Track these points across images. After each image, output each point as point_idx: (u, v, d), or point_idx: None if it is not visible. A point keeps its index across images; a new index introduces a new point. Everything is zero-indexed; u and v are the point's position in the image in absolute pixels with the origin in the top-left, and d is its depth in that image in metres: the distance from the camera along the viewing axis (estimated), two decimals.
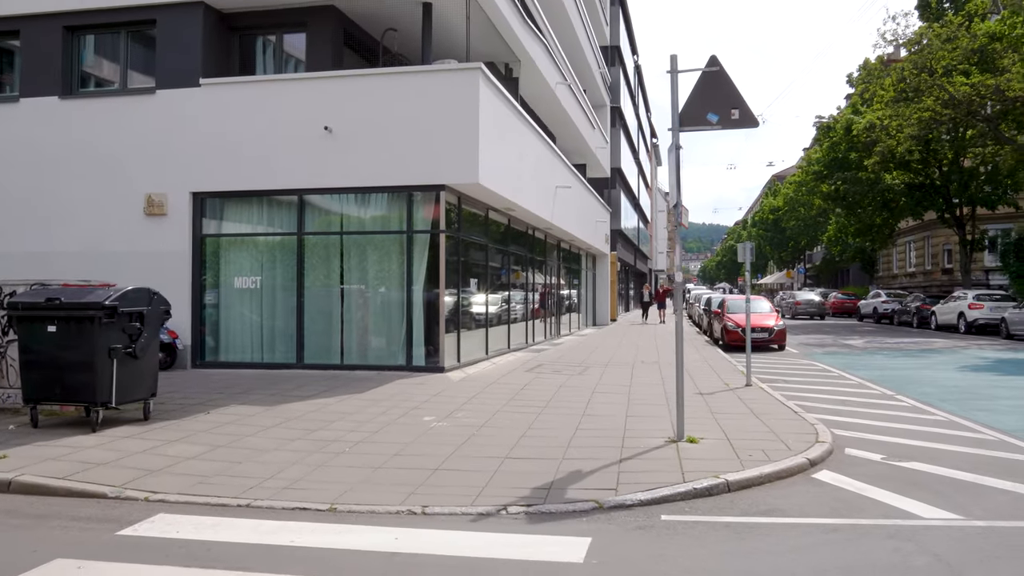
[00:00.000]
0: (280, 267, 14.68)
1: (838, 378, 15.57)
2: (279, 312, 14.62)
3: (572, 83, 24.09)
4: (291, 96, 14.33)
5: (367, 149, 13.94)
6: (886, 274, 56.61)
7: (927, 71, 31.21)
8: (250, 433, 8.74)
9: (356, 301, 14.51)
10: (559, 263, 26.70)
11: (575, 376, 14.52)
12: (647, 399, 11.69)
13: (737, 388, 13.16)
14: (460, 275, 15.25)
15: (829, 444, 8.34)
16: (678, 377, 8.55)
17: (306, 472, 7.11)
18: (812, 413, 10.59)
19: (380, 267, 14.40)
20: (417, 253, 14.15)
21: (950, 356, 20.18)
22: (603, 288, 36.72)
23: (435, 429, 9.12)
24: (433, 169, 13.78)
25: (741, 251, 14.08)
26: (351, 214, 14.58)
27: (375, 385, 12.45)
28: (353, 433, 8.81)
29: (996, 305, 28.33)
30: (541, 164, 19.56)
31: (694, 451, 7.95)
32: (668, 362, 17.46)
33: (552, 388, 12.75)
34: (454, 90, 13.80)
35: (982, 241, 38.41)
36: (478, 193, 15.14)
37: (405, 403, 10.85)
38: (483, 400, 11.33)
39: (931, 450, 8.45)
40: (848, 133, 37.09)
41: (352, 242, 14.52)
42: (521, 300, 21.14)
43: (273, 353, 14.63)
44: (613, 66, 38.51)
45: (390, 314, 14.37)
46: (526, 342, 21.12)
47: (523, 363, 16.74)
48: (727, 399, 11.79)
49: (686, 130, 8.49)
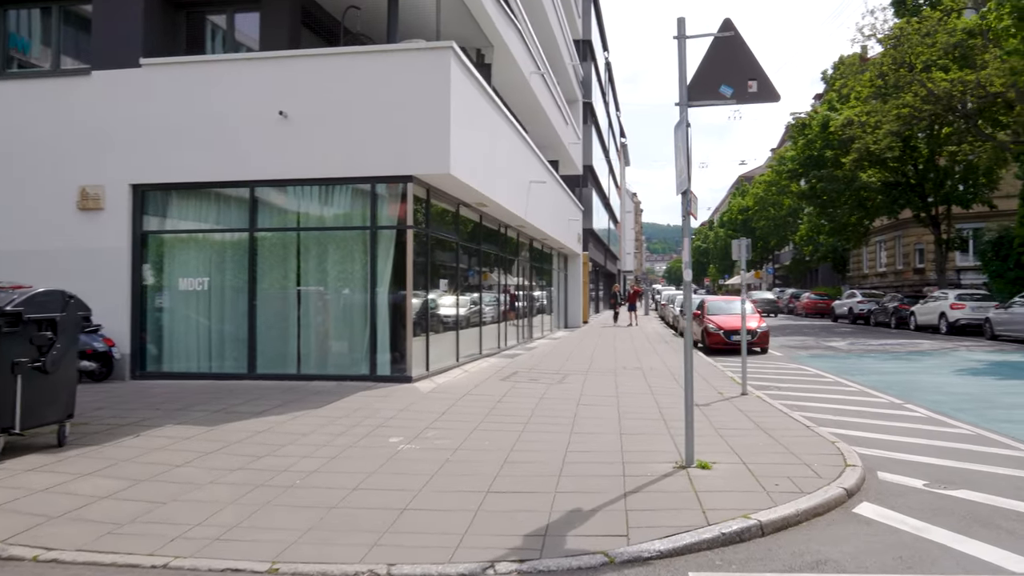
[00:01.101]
0: (230, 267, 13.29)
1: (834, 384, 14.53)
2: (229, 317, 13.24)
3: (546, 74, 22.89)
4: (242, 78, 12.96)
5: (327, 136, 12.62)
6: (856, 274, 56.17)
7: (906, 66, 30.53)
8: (183, 462, 7.39)
9: (315, 304, 13.17)
10: (531, 263, 25.49)
11: (555, 385, 13.30)
12: (639, 412, 10.49)
13: (733, 398, 12.03)
14: (428, 275, 13.96)
15: (861, 468, 7.20)
16: (687, 394, 7.35)
17: (245, 515, 5.80)
18: (824, 427, 9.47)
19: (341, 267, 13.07)
20: (382, 251, 12.86)
21: (941, 359, 19.27)
22: (575, 289, 35.58)
23: (403, 453, 7.84)
24: (400, 158, 12.50)
25: (736, 248, 12.97)
26: (309, 208, 13.24)
27: (335, 398, 11.13)
28: (307, 460, 7.50)
29: (978, 305, 27.63)
30: (515, 157, 18.34)
31: (709, 480, 6.75)
32: (651, 368, 16.33)
33: (532, 400, 11.52)
34: (423, 72, 12.53)
35: (957, 240, 37.85)
36: (448, 186, 13.87)
37: (368, 420, 9.55)
38: (457, 415, 10.06)
39: (975, 473, 7.34)
40: (824, 130, 36.37)
41: (311, 239, 13.18)
42: (493, 302, 19.88)
43: (222, 362, 13.23)
44: (585, 61, 37.41)
45: (352, 318, 13.05)
46: (498, 346, 19.87)
47: (497, 370, 15.49)
48: (727, 411, 10.63)
49: (696, 105, 7.30)
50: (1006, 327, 24.70)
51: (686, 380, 7.38)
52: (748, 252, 12.93)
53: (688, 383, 7.36)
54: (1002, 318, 24.99)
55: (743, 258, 12.85)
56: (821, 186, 37.43)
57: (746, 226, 74.18)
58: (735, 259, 12.97)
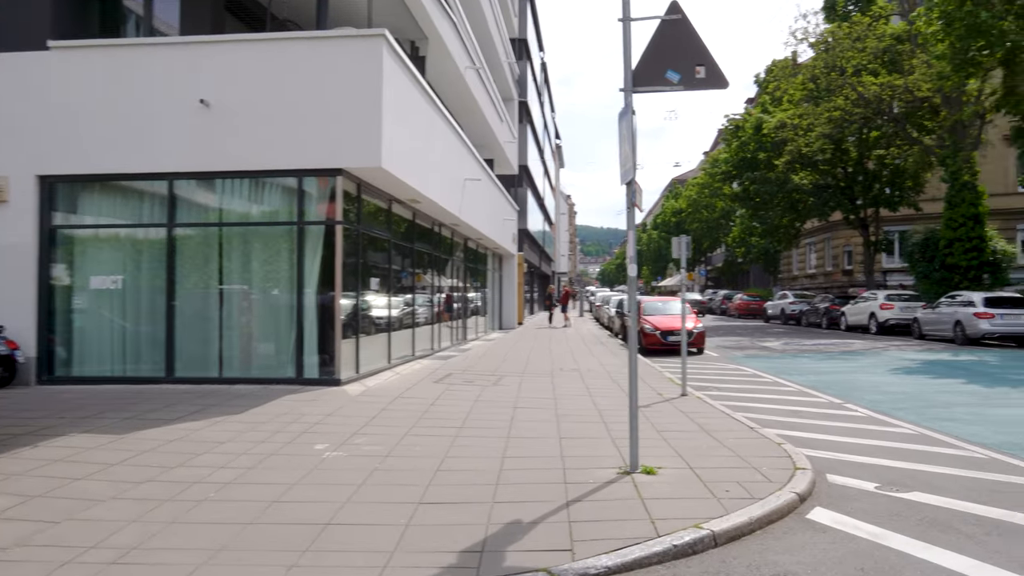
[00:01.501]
0: (147, 265, 12.51)
1: (773, 384, 14.41)
2: (146, 317, 12.46)
3: (481, 69, 22.45)
4: (160, 64, 12.20)
5: (251, 127, 11.97)
6: (786, 275, 57.09)
7: (837, 70, 30.98)
8: (84, 475, 6.72)
9: (239, 304, 12.48)
10: (465, 263, 25.00)
11: (490, 388, 12.86)
12: (578, 415, 10.10)
13: (673, 399, 11.75)
14: (359, 274, 13.38)
15: (811, 471, 6.92)
16: (632, 396, 6.98)
17: (148, 535, 5.21)
18: (769, 428, 9.23)
19: (267, 265, 12.42)
20: (310, 248, 12.25)
21: (875, 358, 19.40)
22: (510, 290, 35.18)
23: (328, 462, 7.29)
24: (329, 151, 11.92)
25: (676, 246, 12.70)
26: (233, 203, 12.53)
27: (259, 403, 10.49)
28: (223, 471, 6.90)
29: (906, 305, 28.12)
30: (449, 153, 17.85)
31: (656, 486, 6.37)
32: (588, 369, 16.01)
33: (467, 403, 11.04)
34: (354, 60, 11.98)
35: (884, 242, 38.61)
36: (380, 180, 13.33)
37: (293, 426, 8.96)
38: (387, 420, 9.53)
39: (925, 474, 7.14)
40: (758, 132, 36.72)
41: (234, 235, 12.48)
42: (426, 302, 19.34)
43: (138, 365, 12.45)
44: (521, 60, 37.07)
45: (278, 318, 12.41)
46: (432, 348, 19.33)
47: (430, 372, 14.97)
48: (668, 413, 10.32)
49: (642, 91, 6.94)
50: (933, 327, 25.14)
51: (631, 382, 7.01)
52: (688, 250, 12.68)
53: (633, 385, 6.99)
54: (929, 318, 25.44)
55: (683, 256, 12.60)
56: (754, 188, 37.79)
57: (680, 228, 74.78)
58: (675, 257, 12.70)
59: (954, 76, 23.79)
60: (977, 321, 22.37)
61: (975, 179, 28.82)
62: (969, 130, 29.23)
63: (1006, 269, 29.35)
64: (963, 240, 28.64)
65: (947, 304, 24.54)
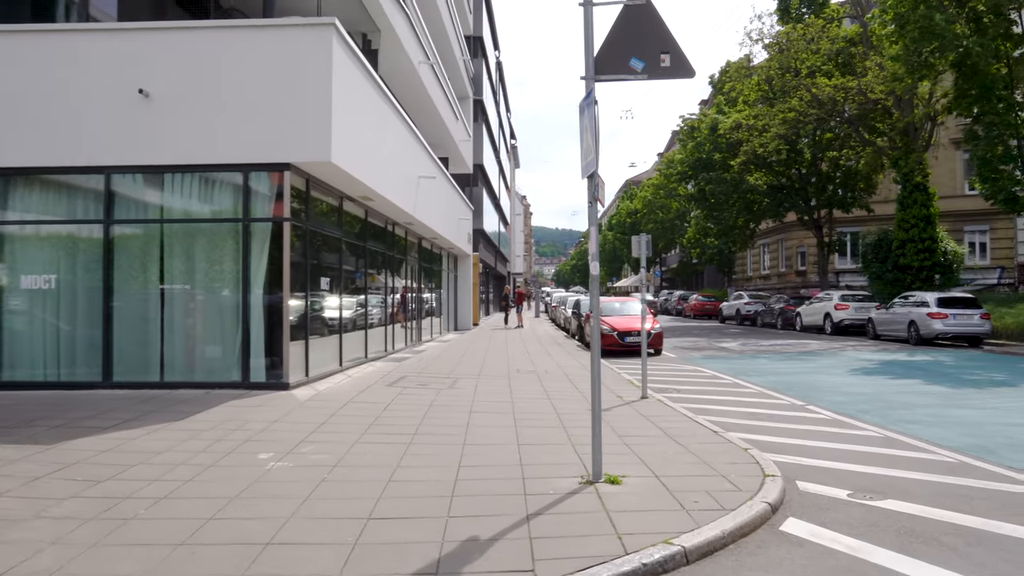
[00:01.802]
0: (83, 263, 11.86)
1: (733, 386, 14.20)
2: (82, 319, 11.81)
3: (436, 65, 22.00)
4: (97, 52, 11.56)
5: (194, 119, 11.40)
6: (741, 276, 57.44)
7: (792, 71, 31.11)
8: (4, 490, 6.17)
9: (181, 305, 11.89)
10: (420, 263, 24.51)
11: (445, 391, 12.44)
12: (537, 419, 9.74)
13: (633, 401, 11.47)
14: (309, 273, 12.86)
15: (781, 479, 6.63)
16: (595, 401, 6.62)
17: (68, 558, 4.71)
18: (733, 432, 8.96)
19: (211, 264, 11.85)
20: (256, 246, 11.71)
21: (832, 359, 19.36)
22: (465, 290, 34.76)
23: (273, 473, 6.82)
24: (276, 144, 11.41)
25: (635, 244, 12.41)
26: (174, 199, 11.92)
27: (201, 409, 9.95)
28: (157, 484, 6.40)
29: (860, 306, 28.28)
30: (403, 150, 17.38)
31: (621, 497, 6.02)
32: (546, 371, 15.67)
33: (420, 408, 10.61)
34: (302, 50, 11.47)
35: (838, 243, 38.93)
36: (331, 176, 12.83)
37: (236, 433, 8.46)
38: (336, 427, 9.06)
39: (897, 480, 6.89)
40: (713, 133, 36.77)
41: (176, 233, 11.89)
42: (380, 303, 18.83)
43: (73, 370, 11.79)
44: (476, 58, 36.68)
45: (223, 320, 11.85)
46: (385, 350, 18.83)
47: (383, 375, 14.50)
48: (629, 417, 10.01)
49: (604, 79, 6.58)
50: (887, 327, 25.29)
51: (593, 387, 6.65)
52: (649, 249, 12.39)
53: (596, 390, 6.63)
54: (883, 318, 25.59)
55: (643, 255, 12.31)
56: (710, 188, 37.83)
57: (635, 229, 74.92)
58: (635, 256, 12.40)
59: (907, 78, 23.95)
60: (931, 321, 22.51)
61: (927, 181, 29.13)
62: (920, 132, 29.53)
63: (957, 270, 29.71)
64: (915, 241, 28.94)
65: (901, 304, 24.70)
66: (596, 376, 6.65)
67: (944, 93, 26.57)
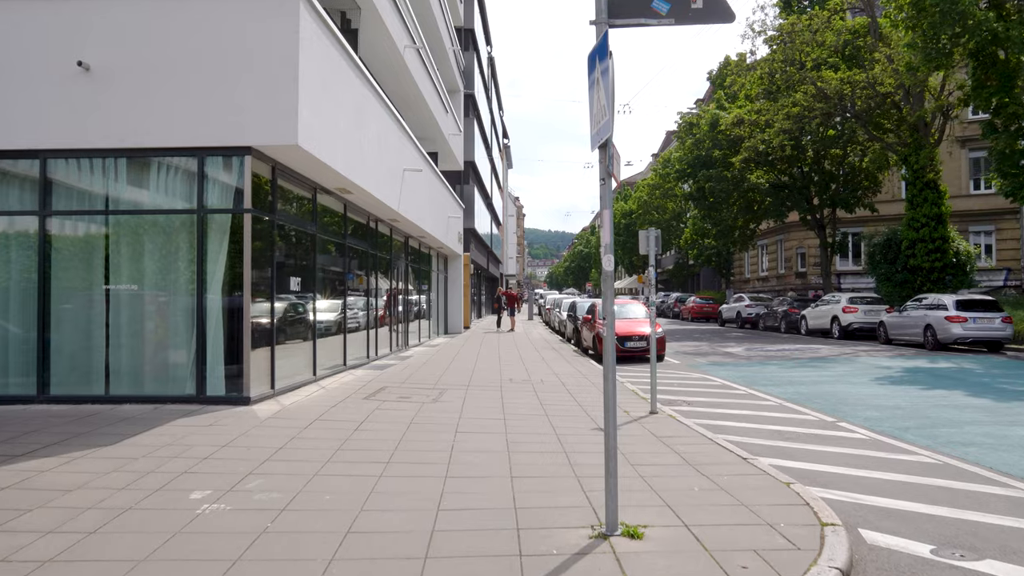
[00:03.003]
0: (15, 260, 10.43)
1: (748, 397, 12.87)
2: (14, 323, 10.37)
3: (423, 50, 20.59)
4: (29, 19, 10.13)
5: (142, 95, 9.99)
6: (738, 278, 56.16)
7: (796, 65, 29.84)
8: None
9: (129, 308, 10.46)
10: (407, 263, 23.08)
11: (429, 404, 11.04)
12: (534, 442, 8.36)
13: (642, 417, 10.10)
14: (276, 272, 11.42)
15: (844, 528, 5.26)
16: (609, 433, 5.23)
17: None
18: (764, 459, 7.60)
19: (163, 261, 10.44)
20: (214, 241, 10.31)
21: (848, 365, 18.02)
22: (456, 292, 33.33)
23: (202, 520, 5.42)
24: (235, 125, 10.00)
25: (643, 240, 11.05)
26: (120, 187, 10.49)
27: (142, 429, 8.53)
28: (50, 539, 4.98)
29: (870, 309, 26.99)
30: (387, 140, 15.98)
31: (646, 560, 4.64)
32: (541, 380, 14.30)
33: (399, 427, 9.20)
34: (265, 19, 10.05)
35: (841, 244, 37.58)
36: (300, 163, 11.43)
37: (173, 463, 7.05)
38: (296, 453, 7.65)
39: (985, 528, 5.53)
40: (713, 129, 35.43)
41: (123, 226, 10.47)
42: (362, 305, 17.40)
43: (5, 382, 10.36)
44: (467, 50, 35.26)
45: (176, 325, 10.42)
46: (368, 356, 17.41)
47: (362, 385, 13.09)
48: (641, 439, 8.63)
49: (619, 24, 5.21)
50: (900, 331, 23.96)
51: (607, 414, 5.26)
52: (658, 245, 11.03)
53: (610, 419, 5.24)
54: (896, 322, 24.26)
55: (652, 251, 10.94)
56: (710, 186, 36.41)
57: (629, 230, 73.65)
58: (643, 252, 11.03)
59: (922, 68, 22.61)
60: (949, 325, 21.18)
61: (938, 178, 27.86)
62: (931, 127, 28.26)
63: (970, 271, 28.43)
64: (926, 241, 27.67)
65: (915, 307, 23.36)
66: (611, 400, 5.26)
67: (960, 84, 25.27)
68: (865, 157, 33.34)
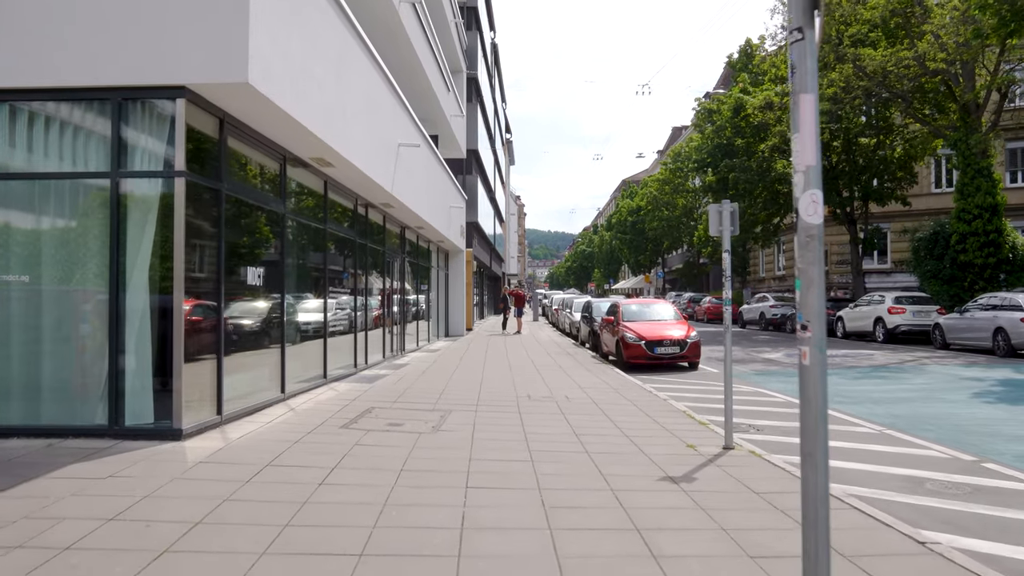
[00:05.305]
0: None
1: (832, 421, 10.07)
2: None
3: (420, 5, 17.81)
4: None
5: (37, 17, 7.25)
6: (754, 277, 53.38)
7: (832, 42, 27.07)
8: None
9: (19, 307, 7.69)
10: (403, 256, 20.30)
11: (428, 436, 8.27)
12: (583, 503, 5.58)
13: (717, 457, 7.37)
14: (223, 259, 8.60)
15: None
16: None
17: None
18: (932, 532, 4.84)
19: (64, 243, 7.69)
20: (135, 215, 7.57)
21: (924, 376, 15.23)
22: (458, 291, 30.55)
23: None
24: (164, 57, 7.26)
25: (714, 217, 8.26)
26: (3, 142, 7.75)
27: (4, 484, 5.77)
28: None
29: (919, 309, 24.20)
30: (378, 106, 13.23)
31: None
32: (566, 396, 11.58)
33: (383, 479, 6.40)
34: None
35: (874, 239, 34.69)
36: (259, 117, 8.66)
37: (7, 560, 4.29)
38: (213, 538, 4.84)
39: None
40: (736, 115, 32.60)
41: (9, 195, 7.71)
42: (349, 305, 14.61)
43: None
44: (471, 30, 32.52)
45: (83, 329, 7.68)
46: (355, 364, 14.61)
47: (343, 405, 10.32)
48: (730, 493, 5.88)
49: None
50: (961, 334, 21.09)
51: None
52: (735, 223, 8.25)
53: None
54: (956, 324, 21.39)
55: (727, 231, 8.16)
56: (734, 176, 33.51)
57: (635, 228, 70.92)
58: (713, 233, 8.27)
59: (992, 35, 19.80)
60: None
61: (991, 164, 25.09)
62: (983, 108, 25.51)
63: None
64: (978, 234, 24.87)
65: (980, 308, 20.53)
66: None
67: (1022, 57, 22.49)
68: (901, 144, 30.59)
